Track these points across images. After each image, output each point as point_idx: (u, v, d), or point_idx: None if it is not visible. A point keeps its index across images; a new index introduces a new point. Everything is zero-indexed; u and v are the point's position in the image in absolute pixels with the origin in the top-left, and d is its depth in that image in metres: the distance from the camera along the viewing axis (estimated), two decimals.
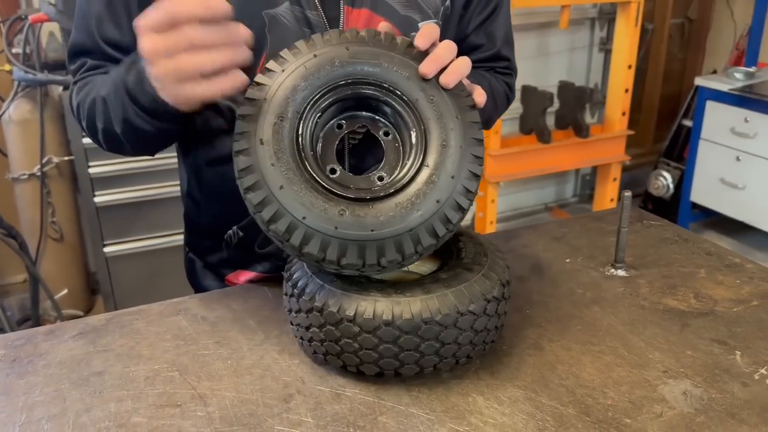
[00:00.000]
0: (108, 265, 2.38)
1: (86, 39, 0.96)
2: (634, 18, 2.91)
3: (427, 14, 0.97)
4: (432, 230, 0.76)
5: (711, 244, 1.13)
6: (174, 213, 2.40)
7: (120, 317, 0.94)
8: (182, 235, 2.41)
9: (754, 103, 2.85)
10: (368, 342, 0.76)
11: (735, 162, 3.00)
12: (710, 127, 3.10)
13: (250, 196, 0.75)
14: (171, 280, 2.47)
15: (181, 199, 1.13)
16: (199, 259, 1.11)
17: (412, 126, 0.79)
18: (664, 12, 3.77)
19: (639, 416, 0.74)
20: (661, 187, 3.47)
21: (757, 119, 2.86)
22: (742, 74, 2.98)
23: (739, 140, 2.96)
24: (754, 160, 2.93)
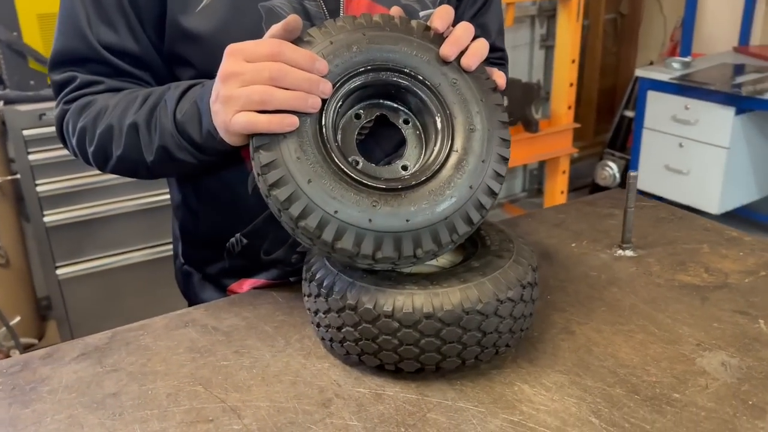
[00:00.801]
0: (61, 289, 2.24)
1: (78, 44, 0.89)
2: (575, 13, 2.98)
3: (425, 4, 0.95)
4: (467, 217, 0.73)
5: (705, 220, 1.15)
6: (130, 229, 2.30)
7: (122, 334, 0.88)
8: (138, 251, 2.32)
9: (693, 90, 2.96)
10: (409, 337, 0.73)
11: (678, 149, 3.12)
12: (652, 116, 3.20)
13: (275, 192, 0.70)
14: (130, 299, 2.36)
15: (173, 211, 1.07)
16: (197, 271, 1.05)
17: (436, 112, 0.77)
18: (598, 8, 3.89)
19: (686, 390, 0.73)
20: (607, 177, 3.57)
21: (696, 106, 2.98)
22: (679, 64, 3.09)
23: (680, 127, 3.07)
24: (696, 145, 3.04)
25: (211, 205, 0.97)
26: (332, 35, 0.76)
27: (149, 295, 2.37)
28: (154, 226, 2.34)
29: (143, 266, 2.35)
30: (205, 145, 0.81)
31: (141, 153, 0.86)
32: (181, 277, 1.09)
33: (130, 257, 2.33)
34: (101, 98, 0.89)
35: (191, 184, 0.98)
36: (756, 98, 2.69)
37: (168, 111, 0.82)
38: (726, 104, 2.85)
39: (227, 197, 0.94)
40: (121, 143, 0.86)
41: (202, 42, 0.86)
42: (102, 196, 2.24)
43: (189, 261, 1.06)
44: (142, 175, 0.92)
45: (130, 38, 0.88)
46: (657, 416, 0.70)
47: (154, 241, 2.36)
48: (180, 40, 0.87)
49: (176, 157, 0.84)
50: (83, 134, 0.89)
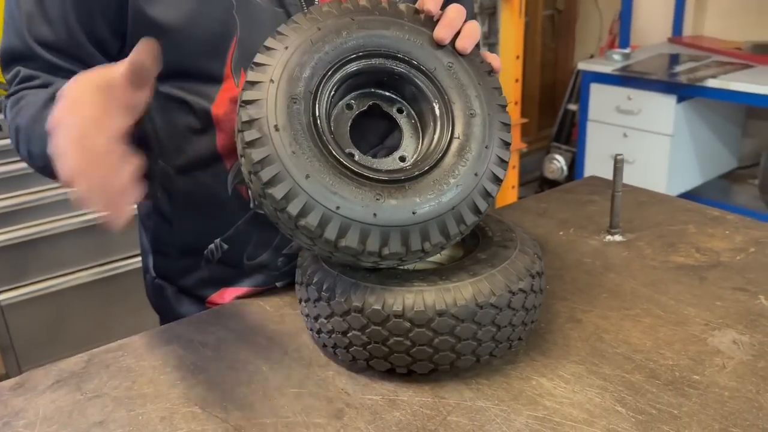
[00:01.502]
0: (4, 315, 2.09)
1: (17, 42, 0.83)
2: (518, 9, 3.00)
3: None
4: (473, 206, 0.70)
5: (685, 201, 1.15)
6: (76, 247, 2.17)
7: (100, 356, 0.80)
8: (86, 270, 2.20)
9: (635, 81, 3.03)
10: (422, 337, 0.69)
11: (623, 138, 3.18)
12: (596, 108, 3.26)
13: (271, 190, 0.65)
14: (81, 322, 2.23)
15: (140, 222, 0.99)
16: (171, 284, 0.97)
17: (433, 98, 0.73)
18: (536, 5, 3.94)
19: (705, 371, 0.72)
20: (555, 170, 3.62)
21: (639, 96, 3.05)
22: (619, 56, 3.16)
23: (624, 117, 3.13)
24: (640, 134, 3.11)
25: (187, 210, 0.90)
26: (319, 21, 0.71)
27: (101, 316, 2.24)
28: (103, 243, 2.22)
29: (93, 286, 2.22)
30: None
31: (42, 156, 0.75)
32: (152, 292, 1.01)
33: (78, 277, 2.19)
34: (28, 95, 0.82)
35: (162, 188, 0.91)
36: (696, 86, 2.77)
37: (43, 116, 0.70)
38: (667, 93, 2.92)
39: (204, 200, 0.88)
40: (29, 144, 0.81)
41: (170, 33, 0.80)
42: (44, 214, 2.10)
43: (162, 274, 0.98)
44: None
45: (63, 33, 0.82)
46: (682, 400, 0.68)
47: (104, 259, 2.23)
48: (144, 30, 0.81)
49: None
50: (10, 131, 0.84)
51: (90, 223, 2.17)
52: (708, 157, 3.19)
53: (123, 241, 2.24)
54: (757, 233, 1.02)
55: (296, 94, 0.68)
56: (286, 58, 0.69)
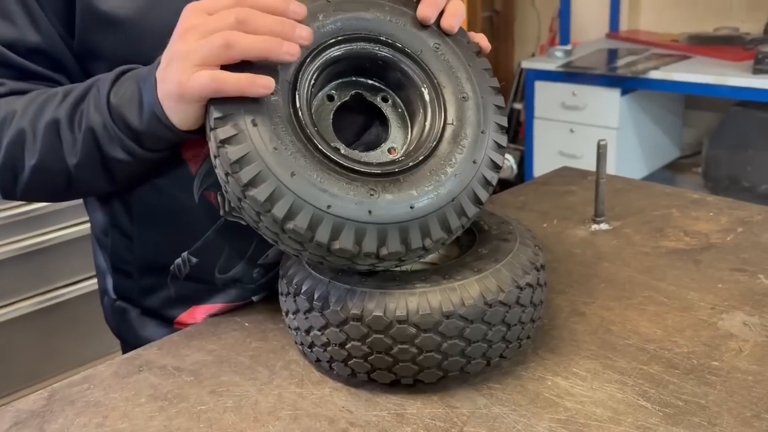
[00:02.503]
0: None
1: None
2: None
3: None
4: (474, 196, 0.64)
5: (662, 186, 1.14)
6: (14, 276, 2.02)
7: (63, 391, 0.71)
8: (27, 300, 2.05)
9: (578, 77, 3.06)
10: (430, 342, 0.63)
11: (569, 134, 3.21)
12: (541, 106, 3.28)
13: (253, 192, 0.58)
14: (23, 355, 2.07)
15: (96, 240, 0.90)
16: (134, 305, 0.88)
17: (421, 83, 0.68)
18: (475, 7, 3.96)
19: (723, 356, 0.69)
20: (505, 170, 3.63)
21: (583, 91, 3.08)
22: (561, 53, 3.19)
23: (570, 113, 3.17)
24: (586, 129, 3.14)
25: (148, 222, 0.81)
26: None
27: (47, 347, 2.09)
28: (42, 270, 2.07)
29: (35, 316, 2.07)
30: (146, 133, 0.67)
31: (62, 157, 0.71)
32: (113, 317, 0.91)
33: (18, 308, 2.04)
34: (4, 102, 0.73)
35: (120, 200, 0.82)
36: (639, 78, 2.82)
37: (101, 96, 0.68)
38: (611, 86, 2.96)
39: (168, 211, 0.80)
40: (36, 149, 0.71)
41: (122, 28, 0.72)
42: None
43: (123, 296, 0.89)
44: (59, 190, 0.76)
45: (32, 31, 0.73)
46: (707, 389, 0.64)
47: (45, 287, 2.09)
48: (94, 26, 0.73)
49: (108, 155, 0.70)
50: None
51: (27, 249, 2.03)
52: (652, 148, 3.26)
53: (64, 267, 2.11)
54: (741, 213, 1.00)
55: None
56: None
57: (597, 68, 2.97)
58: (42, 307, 2.08)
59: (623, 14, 3.55)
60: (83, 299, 2.13)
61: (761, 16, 2.96)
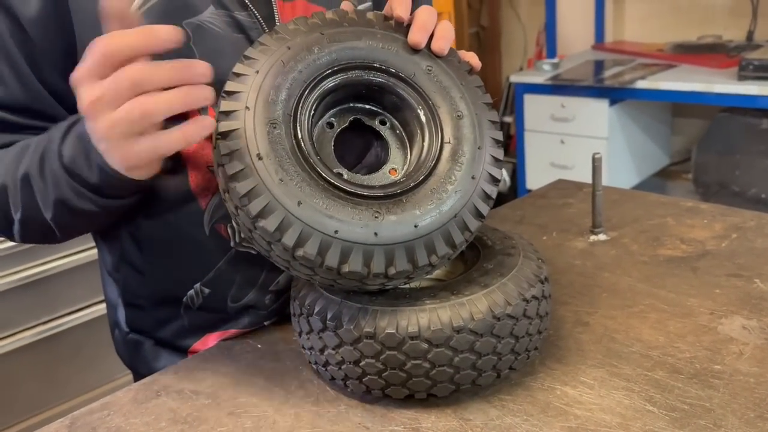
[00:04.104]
0: None
1: None
2: None
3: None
4: (475, 210, 0.67)
5: (655, 195, 1.16)
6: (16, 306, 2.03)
7: (83, 418, 0.73)
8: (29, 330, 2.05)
9: (566, 89, 3.11)
10: (442, 357, 0.65)
11: (560, 145, 3.25)
12: (531, 119, 3.33)
13: (262, 223, 0.60)
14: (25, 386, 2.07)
15: (107, 274, 0.91)
16: (147, 337, 0.89)
17: (417, 105, 0.70)
18: (461, 23, 4.02)
19: (724, 359, 0.71)
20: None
21: (571, 103, 3.13)
22: (549, 66, 3.24)
23: (559, 125, 3.21)
24: (576, 140, 3.19)
25: (160, 257, 0.83)
26: (288, 40, 0.68)
27: (51, 377, 2.09)
28: (44, 300, 2.08)
29: (38, 346, 2.07)
30: (103, 186, 0.68)
31: (40, 210, 0.73)
32: (126, 349, 0.92)
33: (20, 338, 2.05)
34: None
35: (130, 237, 0.84)
36: (626, 88, 2.86)
37: (54, 153, 0.69)
38: (599, 97, 3.01)
39: (179, 244, 0.82)
40: (19, 202, 0.73)
41: None
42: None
43: (136, 328, 0.90)
44: (52, 236, 0.78)
45: (18, 89, 0.75)
46: (710, 392, 0.66)
47: (47, 317, 2.09)
48: None
49: (78, 207, 0.71)
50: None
51: (28, 279, 2.03)
52: (642, 156, 3.30)
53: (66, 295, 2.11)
54: (735, 219, 1.03)
55: (275, 118, 0.64)
56: (259, 82, 0.64)
57: (584, 80, 3.01)
58: (44, 336, 2.09)
59: (608, 25, 3.61)
60: (86, 327, 2.13)
61: (743, 23, 3.02)
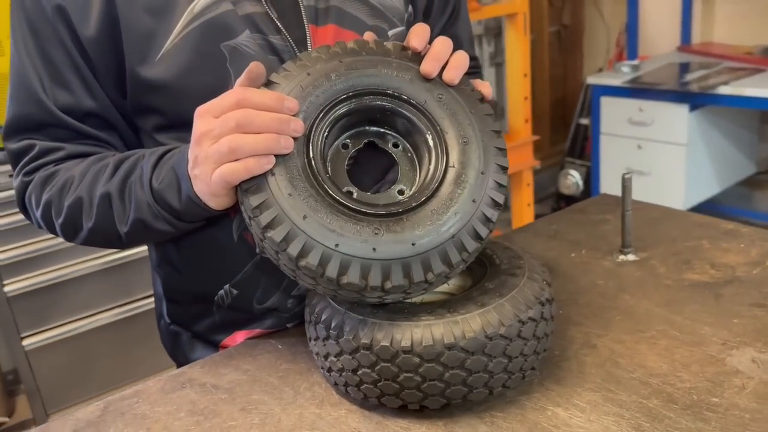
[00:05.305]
0: (29, 360, 2.12)
1: (34, 110, 0.83)
2: (522, 28, 3.01)
3: (393, 23, 0.93)
4: (474, 232, 0.70)
5: (698, 215, 1.14)
6: (95, 290, 2.20)
7: (115, 404, 0.81)
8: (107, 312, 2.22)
9: (645, 92, 3.01)
10: (433, 372, 0.68)
11: (637, 150, 3.16)
12: (608, 122, 3.25)
13: (270, 234, 0.66)
14: (103, 363, 2.25)
15: (153, 269, 1.00)
16: (185, 329, 0.98)
17: (425, 129, 0.74)
18: (542, 22, 3.96)
19: (724, 393, 0.70)
20: (571, 186, 3.60)
21: (650, 107, 3.03)
22: (628, 68, 3.15)
23: (637, 129, 3.11)
24: (654, 145, 3.09)
25: (195, 258, 0.91)
26: (309, 67, 0.72)
27: (123, 356, 2.26)
28: (121, 283, 2.25)
29: (113, 327, 2.24)
30: (185, 212, 0.77)
31: (114, 224, 0.81)
32: (168, 339, 1.01)
33: (98, 319, 2.22)
34: (64, 168, 0.84)
35: (172, 240, 0.92)
36: (707, 93, 2.75)
37: (144, 180, 0.78)
38: (679, 102, 2.90)
39: (211, 248, 0.89)
40: (93, 215, 0.81)
41: (167, 90, 0.81)
42: (63, 259, 2.14)
43: (176, 320, 0.99)
44: (115, 245, 0.87)
45: (87, 97, 0.84)
46: (701, 424, 0.66)
47: (122, 300, 2.26)
48: (143, 91, 0.82)
49: (153, 227, 0.79)
50: (49, 207, 0.84)
51: (107, 264, 2.20)
52: (725, 164, 3.16)
53: (142, 281, 2.27)
54: None
55: None
56: None
57: (663, 83, 2.91)
58: (121, 318, 2.26)
59: (695, 26, 3.46)
60: None
61: None
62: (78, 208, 0.82)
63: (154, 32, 0.80)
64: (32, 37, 0.81)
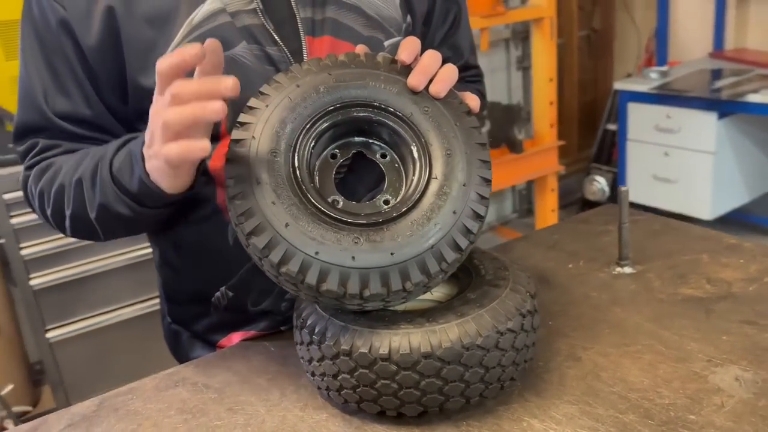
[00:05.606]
0: (53, 352, 2.19)
1: (35, 116, 0.88)
2: (548, 32, 3.00)
3: (390, 33, 0.94)
4: (454, 244, 0.71)
5: (701, 229, 1.13)
6: (118, 285, 2.26)
7: (111, 400, 0.84)
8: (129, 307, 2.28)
9: (673, 99, 2.97)
10: (409, 380, 0.70)
11: (664, 157, 3.12)
12: (635, 128, 3.21)
13: (254, 240, 0.68)
14: (125, 357, 2.31)
15: (156, 269, 1.04)
16: (185, 329, 1.01)
17: (411, 141, 0.75)
18: (571, 26, 3.93)
19: (702, 410, 0.70)
20: (597, 192, 3.56)
21: (678, 114, 2.99)
22: (656, 74, 3.11)
23: (664, 136, 3.07)
24: (681, 153, 3.04)
25: (192, 260, 0.94)
26: (298, 78, 0.75)
27: (144, 351, 2.31)
28: (144, 280, 2.30)
29: (136, 322, 2.30)
30: (140, 194, 0.78)
31: (86, 210, 0.83)
32: (169, 337, 1.05)
33: (121, 314, 2.28)
34: (59, 160, 0.88)
35: (170, 240, 0.95)
36: (736, 101, 2.70)
37: (106, 162, 0.80)
38: (707, 109, 2.86)
39: (208, 251, 0.92)
40: (71, 201, 0.84)
41: None
42: (88, 255, 2.20)
43: (176, 319, 1.02)
44: (96, 234, 0.89)
45: (83, 105, 0.88)
46: None
47: (146, 295, 2.32)
48: (144, 98, 0.85)
49: (115, 211, 0.81)
50: (42, 196, 0.88)
51: (131, 261, 2.26)
52: (754, 173, 3.09)
53: None
54: None
55: (276, 148, 0.71)
56: (267, 115, 0.72)
57: (691, 90, 2.87)
58: (143, 314, 2.31)
59: (729, 31, 3.40)
60: None
61: None
62: (61, 196, 0.86)
63: (155, 42, 0.83)
64: (39, 46, 0.85)
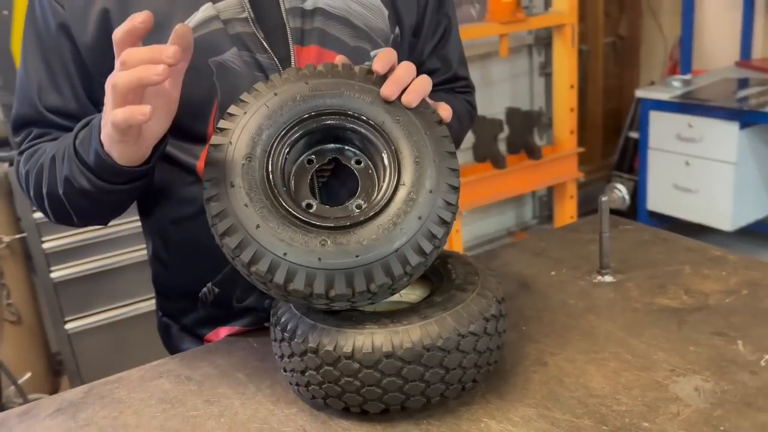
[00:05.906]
0: (71, 343, 2.26)
1: (29, 110, 0.94)
2: (570, 39, 2.99)
3: (377, 43, 0.97)
4: (418, 248, 0.73)
5: (689, 240, 1.13)
6: (135, 279, 2.33)
7: (99, 388, 0.88)
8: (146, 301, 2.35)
9: (695, 108, 2.94)
10: (370, 378, 0.72)
11: (685, 167, 3.08)
12: (656, 136, 3.18)
13: (226, 240, 0.72)
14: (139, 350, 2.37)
15: (149, 264, 1.08)
16: (174, 322, 1.06)
17: (382, 148, 0.78)
18: (596, 33, 3.90)
19: (656, 418, 0.72)
20: (617, 200, 3.54)
21: (700, 123, 2.95)
22: (679, 82, 3.08)
23: (686, 145, 3.04)
24: (703, 162, 3.01)
25: (180, 256, 0.98)
26: (277, 87, 0.78)
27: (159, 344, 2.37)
28: None
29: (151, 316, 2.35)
30: (96, 166, 0.79)
31: (57, 186, 0.86)
32: (161, 330, 1.10)
33: (138, 308, 2.35)
34: (45, 144, 0.92)
35: (160, 236, 0.99)
36: (760, 111, 2.66)
37: (71, 136, 0.83)
38: (729, 119, 2.82)
39: (195, 247, 0.95)
40: (47, 178, 0.88)
41: None
42: (107, 249, 2.27)
43: (166, 313, 1.07)
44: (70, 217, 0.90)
45: (72, 101, 0.92)
46: None
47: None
48: None
49: (78, 185, 0.82)
50: (27, 177, 0.92)
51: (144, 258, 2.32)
52: None
53: None
54: (757, 275, 0.99)
55: (252, 153, 0.74)
56: (245, 122, 0.76)
57: (714, 100, 2.84)
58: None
59: (757, 39, 3.35)
60: None
61: None
62: (40, 175, 0.89)
63: None
64: (38, 44, 0.91)
